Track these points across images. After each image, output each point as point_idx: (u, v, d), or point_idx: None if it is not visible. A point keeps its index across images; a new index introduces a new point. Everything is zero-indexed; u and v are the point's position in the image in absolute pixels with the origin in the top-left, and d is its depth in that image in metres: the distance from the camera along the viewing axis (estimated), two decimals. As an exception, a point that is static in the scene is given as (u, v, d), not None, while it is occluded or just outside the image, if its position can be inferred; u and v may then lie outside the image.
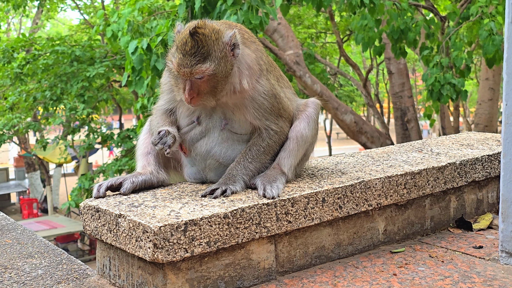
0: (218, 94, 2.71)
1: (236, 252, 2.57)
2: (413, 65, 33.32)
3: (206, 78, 2.66)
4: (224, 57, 2.67)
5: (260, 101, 2.81)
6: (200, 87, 2.68)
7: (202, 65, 2.62)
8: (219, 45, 2.65)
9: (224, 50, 2.67)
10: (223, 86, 2.71)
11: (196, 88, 2.68)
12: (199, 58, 2.61)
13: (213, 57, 2.63)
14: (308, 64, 16.85)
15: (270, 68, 2.95)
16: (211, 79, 2.66)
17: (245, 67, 2.77)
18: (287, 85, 3.10)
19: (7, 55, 16.64)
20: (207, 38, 2.63)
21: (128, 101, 22.43)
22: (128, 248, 2.47)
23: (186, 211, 2.49)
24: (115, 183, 2.82)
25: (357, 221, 2.99)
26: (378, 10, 9.42)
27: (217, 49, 2.64)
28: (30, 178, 28.17)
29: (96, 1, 25.88)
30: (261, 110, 2.81)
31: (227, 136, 2.86)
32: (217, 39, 2.65)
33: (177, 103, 2.91)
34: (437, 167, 3.27)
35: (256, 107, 2.81)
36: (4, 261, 3.09)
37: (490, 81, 13.96)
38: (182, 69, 2.63)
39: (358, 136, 14.03)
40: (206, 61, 2.62)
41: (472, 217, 3.50)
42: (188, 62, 2.61)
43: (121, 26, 10.11)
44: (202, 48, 2.62)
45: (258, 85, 2.81)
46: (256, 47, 2.89)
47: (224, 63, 2.67)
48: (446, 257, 2.91)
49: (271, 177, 2.78)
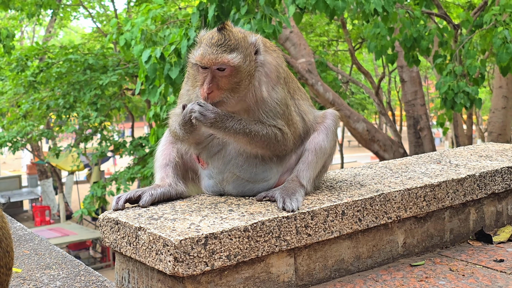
0: (238, 92, 2.67)
1: (255, 265, 2.56)
2: (425, 73, 33.23)
3: (229, 72, 2.62)
4: (250, 55, 2.66)
5: (272, 105, 2.78)
6: (221, 81, 2.64)
7: (228, 55, 2.60)
8: (246, 43, 2.66)
9: (250, 49, 2.67)
10: (245, 86, 2.67)
11: (216, 82, 2.63)
12: (225, 48, 2.60)
13: (240, 51, 2.62)
14: (320, 72, 16.83)
15: (288, 78, 2.93)
16: (234, 74, 2.63)
17: (264, 74, 2.76)
18: (304, 96, 3.07)
19: (21, 63, 16.80)
20: (234, 34, 2.64)
21: (140, 109, 22.53)
22: (148, 261, 2.47)
23: (206, 224, 2.48)
24: (133, 195, 2.82)
25: (376, 234, 2.97)
26: (391, 19, 9.40)
27: (244, 45, 2.64)
28: (42, 186, 28.30)
29: (109, 9, 26.05)
30: (271, 113, 2.78)
31: (243, 149, 2.85)
32: (244, 38, 2.67)
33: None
34: (456, 179, 3.24)
35: (266, 110, 2.78)
36: (22, 272, 3.09)
37: (503, 89, 13.87)
38: (207, 57, 2.59)
39: (370, 144, 13.97)
40: (233, 52, 2.61)
41: (492, 229, 3.47)
42: (214, 51, 2.59)
43: (134, 34, 10.18)
44: (229, 41, 2.61)
45: (273, 92, 2.79)
46: (277, 55, 2.88)
47: (249, 61, 2.66)
48: (466, 270, 2.88)
49: (290, 190, 2.77)
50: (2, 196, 27.90)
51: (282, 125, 2.81)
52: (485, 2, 12.12)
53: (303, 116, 2.99)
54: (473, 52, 9.72)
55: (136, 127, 24.81)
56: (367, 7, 8.70)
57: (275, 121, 2.80)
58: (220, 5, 7.98)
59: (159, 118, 9.99)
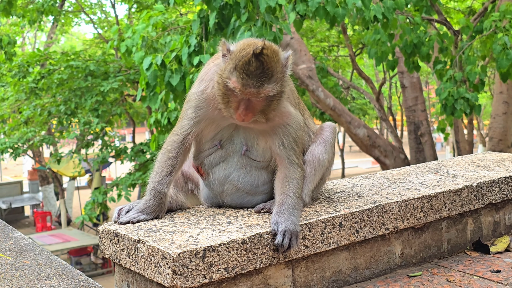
0: (270, 113, 2.70)
1: (253, 277, 2.58)
2: (426, 78, 33.26)
3: (263, 98, 2.63)
4: (283, 78, 2.66)
5: (293, 130, 2.80)
6: (256, 105, 2.65)
7: (268, 86, 2.59)
8: (279, 66, 2.64)
9: (283, 71, 2.66)
10: (277, 106, 2.69)
11: (253, 107, 2.64)
12: (264, 78, 2.58)
13: (276, 78, 2.62)
14: (321, 78, 16.88)
15: (292, 90, 2.96)
16: (269, 98, 2.64)
17: (290, 91, 2.79)
18: (304, 108, 3.11)
19: (22, 69, 16.84)
20: (270, 59, 2.60)
21: (141, 115, 22.56)
22: (147, 274, 2.49)
23: (204, 236, 2.51)
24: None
25: (374, 245, 2.99)
26: (391, 25, 9.44)
27: (278, 70, 2.63)
28: (44, 191, 28.32)
29: (110, 15, 26.12)
30: (289, 139, 2.79)
31: (246, 162, 2.85)
32: (277, 60, 2.63)
33: (201, 127, 2.86)
34: (453, 190, 3.26)
35: (286, 134, 2.79)
36: (23, 283, 3.11)
37: (504, 95, 13.88)
38: (248, 89, 2.58)
39: (371, 150, 13.99)
40: (271, 81, 2.60)
41: (489, 239, 3.49)
42: (254, 82, 2.57)
43: (135, 41, 10.21)
44: (267, 69, 2.59)
45: (295, 111, 2.82)
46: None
47: (283, 83, 2.67)
48: (463, 281, 2.90)
49: (288, 202, 2.79)
50: (4, 202, 27.92)
51: (296, 154, 2.83)
52: (485, 8, 12.18)
53: (310, 134, 3.02)
54: (473, 58, 9.75)
55: (137, 133, 24.84)
56: (367, 14, 8.74)
57: (292, 150, 2.81)
58: (221, 13, 8.01)
59: (160, 124, 10.03)
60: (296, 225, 2.62)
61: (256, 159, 2.85)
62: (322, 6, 7.87)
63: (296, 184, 2.78)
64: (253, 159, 2.85)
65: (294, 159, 2.81)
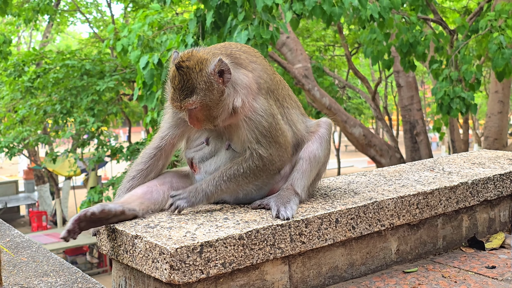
0: (215, 118, 2.78)
1: (250, 273, 2.60)
2: (421, 77, 33.32)
3: (199, 108, 2.74)
4: (210, 86, 2.71)
5: (257, 120, 2.81)
6: (197, 115, 2.77)
7: (190, 99, 2.70)
8: (203, 76, 2.70)
9: (210, 80, 2.71)
10: (218, 111, 2.76)
11: (194, 116, 2.77)
12: (186, 92, 2.69)
13: (198, 89, 2.70)
14: (317, 77, 16.88)
15: (273, 86, 2.93)
16: (203, 108, 2.74)
17: (242, 87, 2.80)
18: (295, 105, 3.08)
19: (18, 69, 16.80)
20: (191, 71, 2.69)
21: (137, 114, 22.54)
22: (145, 269, 2.50)
23: (201, 232, 2.52)
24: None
25: (370, 241, 3.01)
26: (387, 24, 9.46)
27: (201, 81, 2.70)
28: (39, 191, 28.25)
29: (106, 15, 26.08)
30: (256, 131, 2.81)
31: (232, 155, 2.89)
32: (200, 70, 2.70)
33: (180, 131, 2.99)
34: (449, 186, 3.28)
35: (252, 127, 2.81)
36: (20, 279, 3.12)
37: (499, 94, 13.94)
38: (174, 103, 2.74)
39: (367, 149, 14.02)
40: (193, 94, 2.69)
41: (484, 236, 3.51)
42: (178, 97, 2.71)
43: (131, 40, 10.21)
44: (187, 82, 2.69)
45: (255, 103, 2.82)
46: (254, 66, 2.87)
47: (210, 92, 2.71)
48: (459, 277, 2.92)
49: (285, 198, 2.81)
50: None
51: (266, 146, 2.83)
52: (481, 7, 12.22)
53: (291, 125, 3.00)
54: (469, 57, 9.79)
55: (133, 132, 24.82)
56: (363, 13, 8.75)
57: (258, 142, 2.82)
58: (218, 12, 8.02)
59: (156, 123, 10.03)
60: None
61: (239, 152, 2.89)
62: (318, 5, 7.89)
63: (234, 169, 2.82)
64: (237, 152, 2.90)
65: (260, 151, 2.82)
